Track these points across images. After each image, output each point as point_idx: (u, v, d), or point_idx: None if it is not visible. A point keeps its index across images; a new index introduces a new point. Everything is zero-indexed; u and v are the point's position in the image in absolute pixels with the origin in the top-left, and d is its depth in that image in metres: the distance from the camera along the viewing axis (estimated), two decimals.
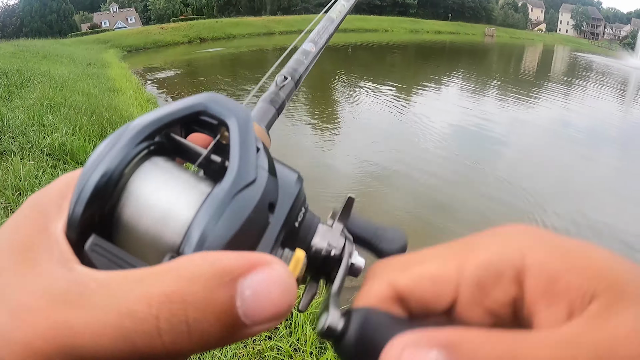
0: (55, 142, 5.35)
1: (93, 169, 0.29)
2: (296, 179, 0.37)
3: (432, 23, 65.35)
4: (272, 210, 0.33)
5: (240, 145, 0.32)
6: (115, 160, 0.30)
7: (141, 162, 0.32)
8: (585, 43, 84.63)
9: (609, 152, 9.93)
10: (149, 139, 0.32)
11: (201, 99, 0.34)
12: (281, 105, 0.62)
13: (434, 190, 6.73)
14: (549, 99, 15.99)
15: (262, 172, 0.32)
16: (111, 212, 0.30)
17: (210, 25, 38.97)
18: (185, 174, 0.33)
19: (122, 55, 23.76)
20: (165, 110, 0.33)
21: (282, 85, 0.64)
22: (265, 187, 0.31)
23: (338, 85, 16.36)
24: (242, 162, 0.31)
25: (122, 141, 0.31)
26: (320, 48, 0.73)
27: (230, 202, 0.29)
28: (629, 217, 6.36)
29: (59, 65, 13.37)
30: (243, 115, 0.34)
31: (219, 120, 0.34)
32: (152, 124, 0.32)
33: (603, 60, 42.65)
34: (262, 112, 0.59)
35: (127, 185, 0.30)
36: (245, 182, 0.30)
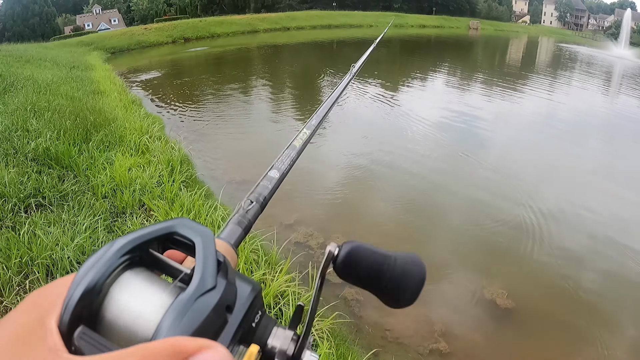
0: (39, 147, 5.32)
1: (82, 277, 0.36)
2: (252, 287, 0.45)
3: (416, 17, 65.38)
4: (230, 311, 0.40)
5: (203, 259, 0.39)
6: (100, 272, 0.36)
7: (123, 271, 0.39)
8: (569, 34, 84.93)
9: (595, 139, 10.00)
10: (130, 253, 0.39)
11: (173, 222, 0.42)
12: (247, 226, 0.71)
13: (422, 180, 6.76)
14: (535, 90, 16.07)
15: (222, 281, 0.39)
16: (97, 308, 0.36)
17: (194, 24, 38.76)
18: (158, 282, 0.39)
19: (106, 57, 23.59)
20: (143, 232, 0.41)
21: (249, 209, 0.73)
22: (223, 293, 0.38)
23: (324, 81, 16.32)
24: (203, 272, 0.38)
25: (107, 255, 0.38)
26: (282, 173, 0.83)
27: (193, 304, 0.35)
28: (614, 202, 6.43)
29: (42, 69, 13.28)
30: (206, 235, 0.41)
31: (188, 239, 0.41)
32: (131, 242, 0.39)
33: (587, 51, 42.89)
34: (231, 232, 0.68)
35: (111, 289, 0.37)
36: (205, 288, 0.37)
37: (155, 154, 6.07)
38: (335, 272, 0.44)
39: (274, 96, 13.67)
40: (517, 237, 5.44)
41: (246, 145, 8.45)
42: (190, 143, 7.71)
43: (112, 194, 4.71)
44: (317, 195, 6.14)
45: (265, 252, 3.97)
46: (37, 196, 4.38)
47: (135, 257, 0.40)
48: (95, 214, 4.19)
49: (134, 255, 0.40)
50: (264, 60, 24.20)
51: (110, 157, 5.65)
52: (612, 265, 4.99)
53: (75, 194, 4.57)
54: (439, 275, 4.61)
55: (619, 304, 4.39)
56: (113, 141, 6.29)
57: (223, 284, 0.38)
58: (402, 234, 5.40)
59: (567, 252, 5.14)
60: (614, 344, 3.86)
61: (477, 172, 7.40)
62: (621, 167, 8.29)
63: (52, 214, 4.13)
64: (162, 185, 5.06)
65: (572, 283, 4.61)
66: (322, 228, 5.16)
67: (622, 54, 44.49)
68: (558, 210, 6.11)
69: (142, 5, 69.75)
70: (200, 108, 11.59)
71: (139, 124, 7.23)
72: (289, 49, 29.62)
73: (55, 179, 4.78)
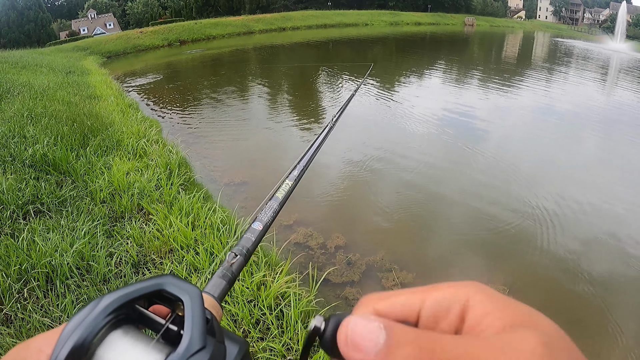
0: (37, 153, 5.31)
1: (68, 336, 0.35)
2: (240, 345, 0.44)
3: (411, 15, 65.52)
4: None
5: (192, 319, 0.39)
6: (86, 331, 0.36)
7: (110, 330, 0.38)
8: (564, 28, 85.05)
9: (592, 131, 10.00)
10: (117, 311, 0.39)
11: (160, 279, 0.42)
12: (231, 279, 0.72)
13: (422, 177, 6.76)
14: (533, 83, 16.08)
15: (210, 340, 0.38)
16: None
17: (190, 26, 38.81)
18: (146, 341, 0.39)
19: (102, 62, 23.64)
20: (130, 289, 0.40)
21: (233, 262, 0.75)
22: (213, 353, 0.37)
23: (320, 81, 16.32)
24: (193, 332, 0.37)
25: (94, 314, 0.37)
26: (265, 225, 0.86)
27: None
28: (612, 195, 6.43)
29: (38, 75, 13.27)
30: (195, 294, 0.41)
31: (176, 297, 0.41)
32: (119, 300, 0.39)
33: (584, 45, 42.97)
34: (215, 286, 0.69)
35: (98, 350, 0.37)
36: (195, 348, 0.36)
37: (153, 157, 6.06)
38: (322, 348, 0.40)
39: (270, 97, 13.65)
40: (516, 234, 5.44)
41: (244, 147, 8.44)
42: (188, 146, 7.70)
43: (111, 199, 4.70)
44: (316, 195, 6.13)
45: (265, 253, 3.96)
46: (36, 202, 4.37)
47: (121, 315, 0.40)
48: (94, 219, 4.18)
49: (121, 313, 0.39)
50: (260, 61, 24.19)
51: (108, 162, 5.64)
52: (611, 259, 4.99)
53: (74, 200, 4.56)
54: (440, 274, 4.61)
55: (618, 297, 4.38)
56: (110, 145, 6.28)
57: (212, 343, 0.38)
58: (401, 232, 5.39)
59: (566, 247, 5.14)
60: (615, 338, 3.86)
61: (476, 168, 7.39)
62: (621, 161, 8.29)
63: (51, 220, 4.12)
64: (160, 189, 5.05)
65: (572, 278, 4.61)
66: (321, 228, 5.15)
67: (619, 47, 44.58)
68: (556, 206, 6.11)
69: (137, 8, 69.79)
70: (197, 110, 11.58)
71: (136, 128, 7.22)
72: (285, 49, 29.60)
73: (54, 185, 4.77)
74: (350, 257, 4.60)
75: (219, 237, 3.95)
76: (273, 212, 0.89)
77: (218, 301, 0.65)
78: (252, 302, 3.23)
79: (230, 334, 0.45)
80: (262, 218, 0.86)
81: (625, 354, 3.70)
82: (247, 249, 0.79)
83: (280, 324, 3.07)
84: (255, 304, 3.21)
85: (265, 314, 3.10)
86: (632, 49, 44.02)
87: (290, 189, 0.98)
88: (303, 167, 1.09)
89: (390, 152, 7.89)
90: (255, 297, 3.27)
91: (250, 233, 0.82)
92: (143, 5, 69.78)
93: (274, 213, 0.89)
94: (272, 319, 3.05)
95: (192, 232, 4.00)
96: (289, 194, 0.97)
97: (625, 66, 26.46)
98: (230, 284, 0.71)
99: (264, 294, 3.24)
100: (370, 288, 4.22)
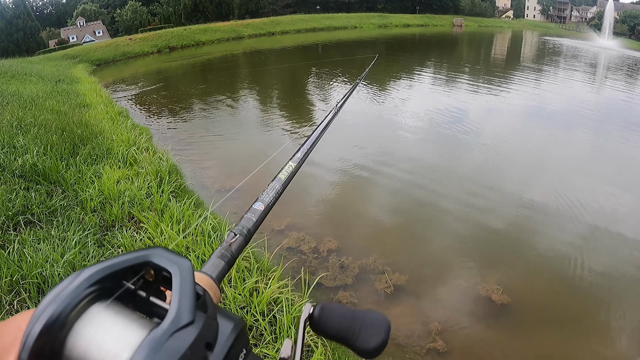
0: (27, 164, 5.28)
1: (40, 313, 0.33)
2: (235, 323, 0.41)
3: (400, 17, 65.56)
4: (211, 349, 0.36)
5: (180, 291, 0.36)
6: (63, 305, 0.34)
7: (90, 304, 0.36)
8: (553, 27, 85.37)
9: (583, 127, 10.05)
10: (99, 284, 0.36)
11: (147, 252, 0.39)
12: (231, 260, 0.69)
13: (414, 179, 6.77)
14: (523, 82, 16.16)
15: (201, 316, 0.35)
16: (60, 345, 0.34)
17: (179, 33, 38.70)
18: (130, 316, 0.36)
19: (92, 70, 23.55)
20: (113, 261, 0.38)
21: (232, 242, 0.72)
22: (202, 328, 0.35)
23: (310, 84, 16.33)
24: (180, 305, 0.35)
25: (72, 286, 0.35)
26: (267, 205, 0.83)
27: (167, 340, 0.32)
28: (607, 193, 6.46)
29: (27, 84, 13.21)
30: (184, 265, 0.38)
31: (163, 269, 0.38)
32: (100, 272, 0.36)
33: (572, 43, 43.19)
34: (213, 266, 0.66)
35: (75, 325, 0.34)
36: (182, 323, 0.34)
37: (144, 165, 6.05)
38: (311, 328, 0.42)
39: (260, 102, 13.66)
40: (507, 232, 5.46)
41: (235, 152, 8.42)
42: (179, 152, 7.68)
43: (101, 208, 4.68)
44: (308, 199, 6.13)
45: (257, 259, 3.96)
46: (26, 213, 4.34)
47: (104, 289, 0.37)
48: (84, 228, 4.16)
49: (103, 287, 0.37)
50: (250, 65, 24.15)
51: (98, 171, 5.62)
52: (604, 256, 5.02)
53: (64, 209, 4.54)
54: (433, 275, 4.62)
55: (613, 293, 4.40)
56: (100, 154, 6.26)
57: (202, 318, 0.35)
58: (393, 234, 5.40)
59: (560, 245, 5.16)
60: (610, 335, 3.88)
61: (470, 167, 7.42)
62: (613, 156, 8.34)
63: (42, 230, 4.10)
64: (151, 197, 5.04)
65: (565, 275, 4.63)
66: (313, 232, 5.15)
67: (606, 44, 44.88)
68: (549, 203, 6.14)
69: (126, 15, 69.59)
70: (187, 117, 11.57)
71: (126, 136, 7.20)
72: (274, 53, 29.57)
73: (44, 195, 4.75)
74: (343, 261, 4.60)
75: (210, 243, 3.94)
76: (275, 192, 0.87)
77: (216, 282, 0.62)
78: (245, 309, 3.23)
79: (224, 312, 0.42)
80: (264, 198, 0.84)
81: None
82: (248, 229, 0.76)
83: (274, 330, 3.07)
84: (248, 311, 3.20)
85: (258, 320, 3.10)
86: (620, 46, 44.34)
87: (293, 171, 0.97)
88: (307, 151, 1.09)
89: (380, 155, 7.90)
90: (248, 304, 3.26)
91: (251, 213, 0.80)
92: (132, 12, 69.58)
93: (277, 194, 0.87)
94: (265, 325, 3.05)
95: (183, 240, 3.99)
96: (292, 176, 0.96)
97: (615, 63, 26.66)
98: (230, 264, 0.69)
99: (257, 300, 3.24)
100: (363, 291, 4.23)
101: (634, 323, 4.02)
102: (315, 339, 3.09)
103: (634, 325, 3.99)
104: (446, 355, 3.56)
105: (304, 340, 0.50)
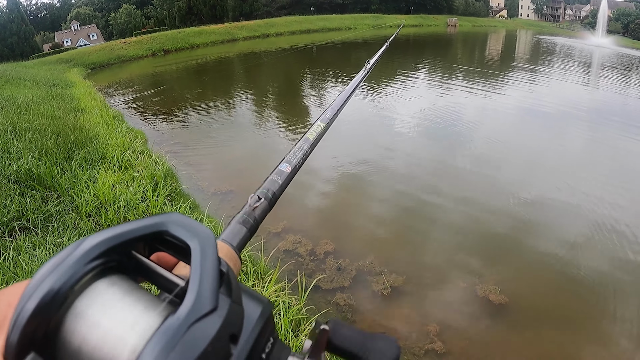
0: (21, 169, 5.25)
1: (34, 288, 0.28)
2: (263, 307, 0.35)
3: (394, 17, 65.52)
4: (235, 341, 0.30)
5: (200, 271, 0.30)
6: (61, 279, 0.29)
7: (93, 280, 0.31)
8: (546, 25, 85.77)
9: (576, 126, 10.07)
10: (104, 256, 0.31)
11: (163, 218, 0.34)
12: (253, 226, 0.63)
13: (411, 180, 6.77)
14: (518, 80, 16.20)
15: (225, 301, 0.30)
16: (56, 328, 0.29)
17: (173, 35, 38.62)
18: (141, 295, 0.31)
19: (86, 74, 23.45)
20: (123, 228, 0.33)
21: (256, 206, 0.65)
22: (227, 317, 0.29)
23: (305, 85, 16.32)
24: (201, 289, 0.29)
25: (73, 257, 0.30)
26: (295, 167, 0.76)
27: (185, 333, 0.27)
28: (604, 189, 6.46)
29: (22, 89, 13.18)
30: (206, 238, 0.32)
31: (181, 241, 0.32)
32: (106, 242, 0.31)
33: (566, 41, 43.35)
34: (233, 233, 0.60)
35: (75, 304, 0.29)
36: (202, 311, 0.28)
37: (139, 169, 6.03)
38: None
39: (256, 104, 13.62)
40: (504, 232, 5.46)
41: (231, 155, 8.40)
42: (175, 156, 7.66)
43: (97, 213, 4.66)
44: (305, 200, 6.12)
45: (254, 262, 3.95)
46: (21, 219, 4.32)
47: (111, 262, 0.32)
48: (80, 233, 4.15)
49: (111, 259, 0.32)
50: (244, 68, 24.12)
51: (93, 175, 5.60)
52: (601, 255, 5.02)
53: (60, 215, 4.52)
54: (430, 275, 4.61)
55: (610, 292, 4.40)
56: (95, 158, 6.23)
57: (226, 304, 0.30)
58: (390, 236, 5.39)
59: (555, 244, 5.17)
60: (607, 334, 3.89)
61: (466, 168, 7.42)
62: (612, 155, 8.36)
63: (37, 236, 4.08)
64: (146, 201, 5.03)
65: (562, 274, 4.64)
66: (310, 235, 5.14)
67: (601, 42, 45.07)
68: (546, 202, 6.15)
69: (121, 19, 69.60)
70: (182, 120, 11.53)
71: (121, 140, 7.17)
72: (269, 55, 29.55)
73: (39, 201, 4.73)
74: (340, 263, 4.59)
75: None
76: (303, 153, 0.81)
77: (237, 251, 0.56)
78: None
79: (249, 291, 0.36)
80: (290, 159, 0.78)
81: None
82: (273, 193, 0.70)
83: None
84: None
85: None
86: (614, 44, 44.53)
87: (322, 131, 0.92)
88: (337, 110, 1.04)
89: (378, 153, 7.90)
90: None
91: (277, 175, 0.74)
92: (126, 15, 69.58)
93: (304, 155, 0.81)
94: None
95: None
96: (320, 136, 0.91)
97: (609, 61, 26.77)
98: (252, 231, 0.63)
99: None
100: (360, 293, 4.22)
101: (631, 322, 4.03)
102: None
103: (631, 324, 3.99)
104: (445, 356, 3.56)
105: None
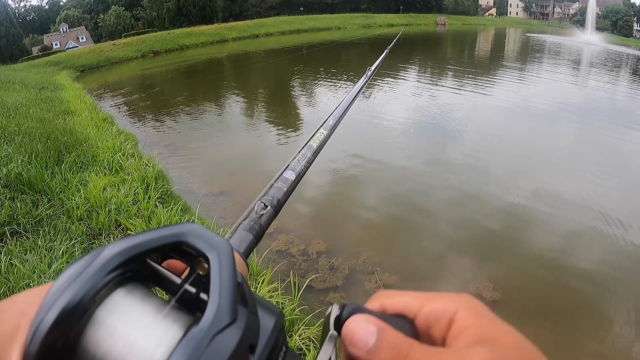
0: (11, 173, 5.22)
1: (56, 297, 0.28)
2: (277, 317, 0.36)
3: (384, 17, 65.68)
4: (253, 351, 0.31)
5: (220, 283, 0.30)
6: (84, 289, 0.28)
7: (112, 289, 0.31)
8: (535, 23, 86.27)
9: (567, 122, 10.12)
10: (124, 266, 0.31)
11: (181, 229, 0.34)
12: (259, 233, 0.64)
13: (404, 176, 6.78)
14: (508, 78, 16.26)
15: (242, 312, 0.30)
16: (77, 338, 0.28)
17: (163, 37, 38.51)
18: (158, 305, 0.31)
19: (76, 76, 23.35)
20: (142, 238, 0.32)
21: (262, 214, 0.67)
22: (246, 328, 0.29)
23: (294, 86, 16.31)
24: (222, 301, 0.29)
25: (95, 267, 0.30)
26: (298, 174, 0.78)
27: (209, 344, 0.27)
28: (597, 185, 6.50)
29: (11, 92, 13.07)
30: (225, 250, 0.33)
31: (200, 253, 0.33)
32: (126, 252, 0.31)
33: (555, 39, 43.54)
34: (240, 240, 0.61)
35: (96, 313, 0.29)
36: (224, 322, 0.28)
37: (130, 171, 6.00)
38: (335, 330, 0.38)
39: (246, 105, 13.60)
40: (497, 229, 5.48)
41: (221, 156, 8.39)
42: (165, 157, 7.64)
43: (88, 216, 4.64)
44: (296, 201, 6.11)
45: None
46: (12, 223, 4.30)
47: (129, 271, 0.32)
48: (71, 237, 4.13)
49: (129, 269, 0.32)
50: (235, 68, 24.08)
51: (84, 178, 5.58)
52: (593, 251, 5.05)
53: (50, 219, 4.50)
54: (423, 273, 4.63)
55: (604, 287, 4.43)
56: (86, 161, 6.21)
57: (244, 315, 0.30)
58: (382, 235, 5.40)
59: (548, 239, 5.19)
60: (601, 329, 3.91)
61: (460, 165, 7.44)
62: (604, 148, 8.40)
63: (28, 240, 4.06)
64: (137, 203, 5.01)
65: (555, 269, 4.66)
66: (302, 235, 5.14)
67: (589, 39, 45.32)
68: (538, 197, 6.17)
69: (110, 21, 69.32)
70: (173, 121, 11.49)
71: (112, 142, 7.14)
72: (259, 56, 29.50)
73: (29, 205, 4.70)
74: (333, 262, 4.60)
75: None
76: (307, 161, 0.82)
77: (244, 259, 0.57)
78: None
79: (262, 301, 0.36)
80: (294, 167, 0.79)
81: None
82: (278, 200, 0.71)
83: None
84: None
85: None
86: (603, 41, 44.81)
87: (325, 138, 0.93)
88: (339, 117, 1.06)
89: (371, 152, 7.91)
90: None
91: (281, 182, 0.74)
92: (115, 17, 69.32)
93: (308, 162, 0.82)
94: None
95: None
96: (323, 144, 0.92)
97: (598, 58, 26.93)
98: (258, 238, 0.63)
99: None
100: (353, 292, 4.23)
101: (625, 316, 4.05)
102: (307, 342, 3.09)
103: (625, 319, 4.02)
104: None
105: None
